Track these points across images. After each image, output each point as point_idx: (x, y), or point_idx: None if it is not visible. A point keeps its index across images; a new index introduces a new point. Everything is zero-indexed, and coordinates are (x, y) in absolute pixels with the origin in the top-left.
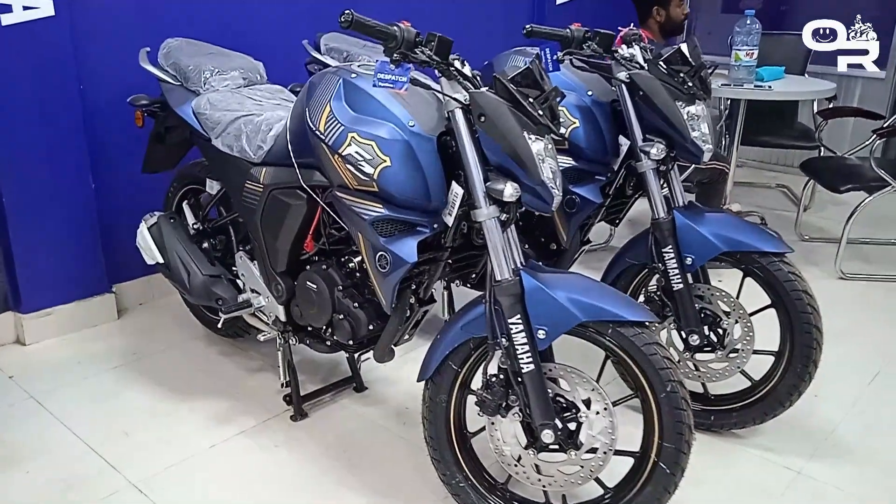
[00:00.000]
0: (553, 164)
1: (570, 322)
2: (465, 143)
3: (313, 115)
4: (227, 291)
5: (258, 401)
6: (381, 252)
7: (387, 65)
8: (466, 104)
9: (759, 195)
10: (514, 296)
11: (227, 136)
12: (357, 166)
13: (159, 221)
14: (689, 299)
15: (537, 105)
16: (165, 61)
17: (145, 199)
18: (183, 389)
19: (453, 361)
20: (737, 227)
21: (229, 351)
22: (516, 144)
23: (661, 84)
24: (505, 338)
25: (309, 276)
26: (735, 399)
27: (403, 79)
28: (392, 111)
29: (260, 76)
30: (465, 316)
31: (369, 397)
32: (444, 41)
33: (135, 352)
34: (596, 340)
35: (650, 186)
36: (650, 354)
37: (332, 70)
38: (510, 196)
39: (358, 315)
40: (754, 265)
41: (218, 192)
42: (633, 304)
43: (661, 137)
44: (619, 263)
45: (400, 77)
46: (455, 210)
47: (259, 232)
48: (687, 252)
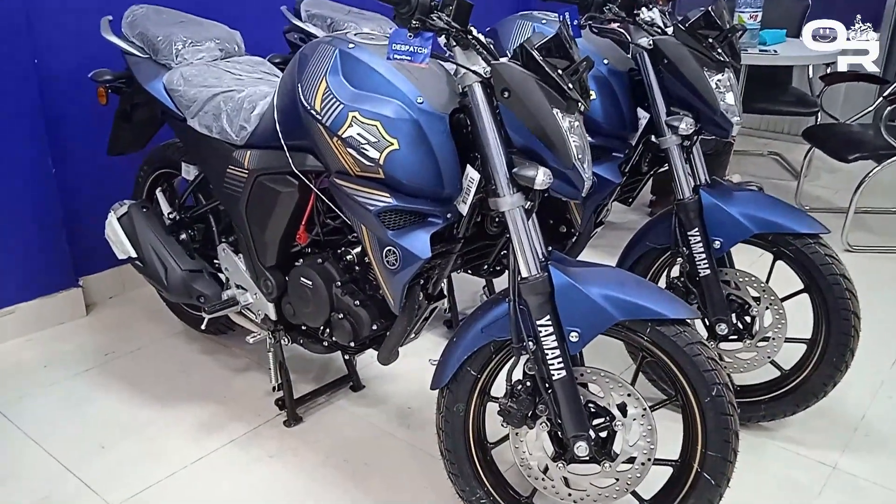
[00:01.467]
0: (582, 144)
1: (606, 322)
2: (486, 123)
3: (307, 92)
4: (209, 288)
5: (248, 404)
6: (389, 247)
7: (404, 33)
8: (487, 77)
9: (753, 164)
10: (542, 294)
11: (205, 116)
12: (360, 150)
13: (130, 211)
14: (716, 286)
15: (567, 77)
16: (131, 31)
17: (113, 184)
18: (163, 394)
19: (472, 367)
20: (768, 207)
21: (212, 348)
22: (545, 123)
23: (688, 51)
24: (532, 341)
25: (303, 270)
26: (764, 390)
27: (424, 50)
28: (398, 86)
29: (238, 47)
30: (485, 316)
31: (368, 397)
32: (464, 4)
33: (107, 352)
34: (632, 340)
35: (675, 164)
36: (694, 355)
37: (326, 40)
38: (542, 184)
39: (359, 314)
40: (787, 247)
41: (195, 177)
42: (674, 300)
43: (687, 109)
44: (639, 247)
45: (420, 48)
46: (471, 198)
47: (244, 223)
48: (714, 235)
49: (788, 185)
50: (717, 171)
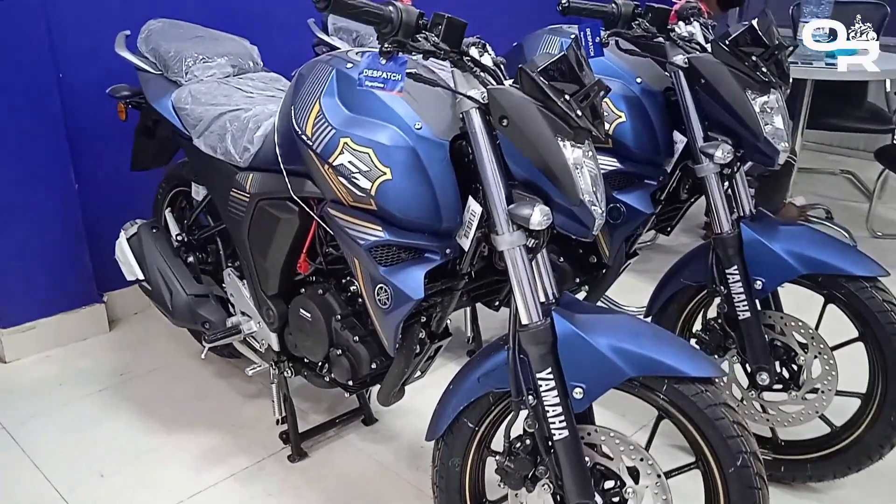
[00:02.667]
0: (594, 175)
1: (616, 378)
2: (483, 153)
3: (299, 116)
4: (214, 314)
5: (255, 435)
6: (380, 284)
7: (376, 58)
8: (485, 103)
9: (822, 183)
10: (544, 344)
11: (211, 136)
12: (351, 179)
13: (140, 231)
14: (757, 330)
15: (575, 103)
16: (145, 47)
17: (138, 199)
18: (171, 420)
19: (469, 418)
20: (818, 244)
21: (226, 372)
22: (548, 155)
23: (728, 70)
24: (532, 395)
25: (302, 302)
26: (811, 447)
27: (397, 76)
28: (395, 110)
29: (253, 63)
30: (483, 364)
31: (379, 432)
32: (455, 24)
33: (123, 371)
34: (647, 398)
35: (712, 195)
36: (716, 419)
37: (325, 59)
38: (538, 224)
39: (358, 351)
40: (840, 290)
41: (204, 198)
42: (695, 355)
43: (727, 134)
44: (672, 283)
45: (392, 74)
46: (473, 232)
47: (247, 248)
48: (756, 274)
49: (860, 207)
50: (777, 194)
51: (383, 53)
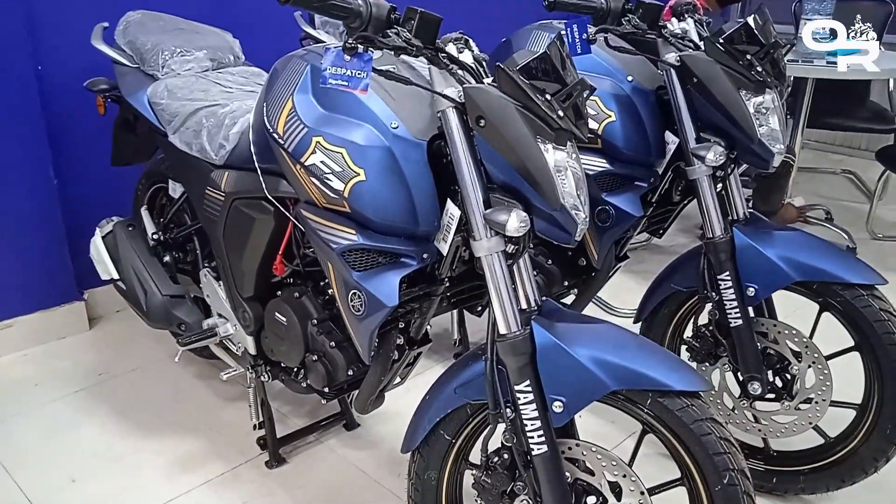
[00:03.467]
0: (577, 178)
1: (598, 391)
2: (460, 155)
3: (271, 113)
4: (190, 315)
5: (233, 439)
6: (354, 290)
7: (341, 55)
8: (462, 102)
9: (823, 183)
10: (522, 355)
11: (186, 132)
12: (323, 180)
13: (115, 230)
14: (749, 338)
15: (556, 103)
16: (123, 39)
17: (120, 195)
18: (148, 422)
19: (446, 430)
20: (814, 250)
21: (206, 373)
22: (527, 157)
23: (721, 69)
24: (510, 408)
25: (278, 305)
26: (805, 459)
27: (363, 74)
28: (371, 108)
29: (234, 56)
30: (460, 375)
31: (361, 437)
32: (428, 18)
33: (102, 371)
34: (630, 412)
35: (704, 198)
36: (702, 435)
37: (300, 53)
38: (515, 231)
39: (334, 357)
40: (836, 298)
41: (180, 195)
42: (681, 368)
43: (720, 135)
44: (663, 288)
45: (358, 72)
46: (451, 236)
47: (222, 249)
48: (749, 280)
49: (861, 208)
50: (775, 195)
51: (347, 49)
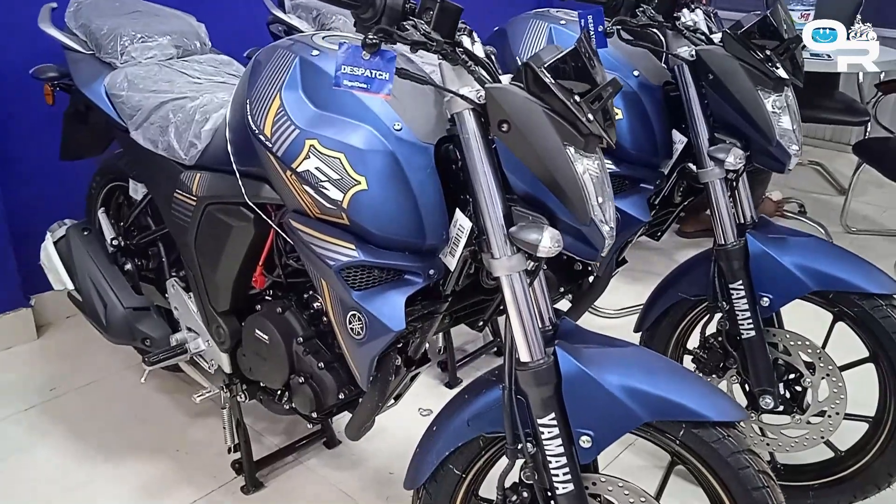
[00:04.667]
0: (604, 188)
1: (629, 424)
2: (477, 163)
3: (255, 111)
4: (156, 329)
5: (204, 461)
6: (353, 311)
7: (357, 52)
8: (481, 103)
9: (791, 175)
10: (546, 385)
11: (151, 128)
12: (318, 188)
13: (69, 234)
14: (762, 351)
15: (586, 106)
16: (74, 22)
17: (68, 192)
18: (107, 445)
19: (455, 465)
20: (830, 258)
21: (171, 386)
22: (555, 167)
23: (740, 65)
24: (532, 443)
25: (259, 322)
26: (813, 473)
27: (385, 75)
28: (371, 108)
29: (200, 43)
30: (472, 404)
31: (343, 457)
32: (449, 9)
33: (54, 385)
34: (661, 443)
35: (717, 203)
36: (740, 468)
37: (286, 44)
38: (548, 251)
39: (323, 379)
40: (852, 308)
41: (143, 197)
42: (716, 395)
43: (733, 135)
44: (667, 296)
45: (379, 73)
46: (460, 250)
47: (194, 258)
48: (763, 290)
49: (832, 200)
50: (757, 190)
51: (368, 46)
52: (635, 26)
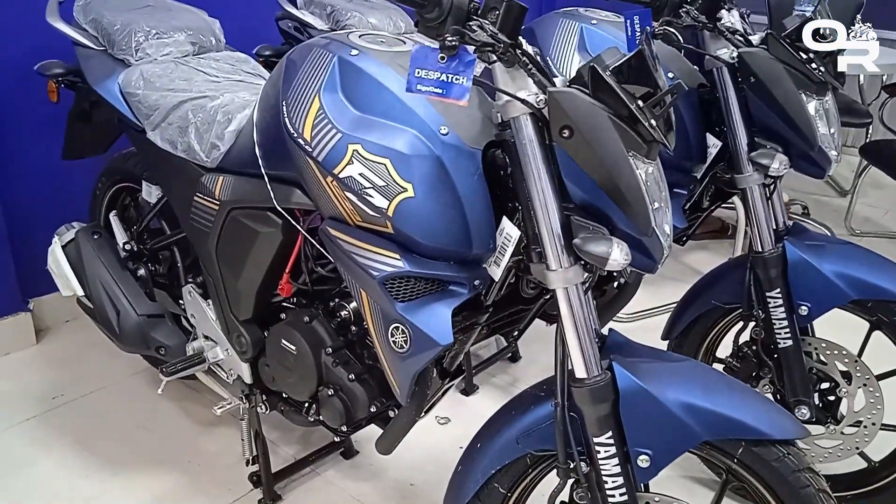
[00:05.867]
0: (661, 198)
1: (688, 443)
2: (534, 170)
3: (293, 113)
4: (171, 337)
5: (217, 473)
6: (396, 324)
7: (433, 54)
8: (539, 108)
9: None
10: (604, 403)
11: (169, 128)
12: (362, 196)
13: (78, 238)
14: (798, 361)
15: (648, 111)
16: (84, 17)
17: (70, 192)
18: (115, 455)
19: (500, 483)
20: (867, 265)
21: (180, 394)
22: (619, 175)
23: (784, 68)
24: (585, 462)
25: (285, 331)
26: (846, 484)
27: (463, 80)
28: (415, 110)
29: (216, 39)
30: (521, 419)
31: (361, 467)
32: (515, 8)
33: (56, 394)
34: (718, 461)
35: (755, 209)
36: (801, 487)
37: (322, 42)
38: (618, 265)
39: (354, 391)
40: (891, 316)
41: (158, 200)
42: (776, 412)
43: (772, 139)
44: (699, 304)
45: (457, 77)
46: (506, 260)
47: (215, 265)
48: (801, 298)
49: (833, 202)
50: None
51: (446, 49)
52: (681, 27)
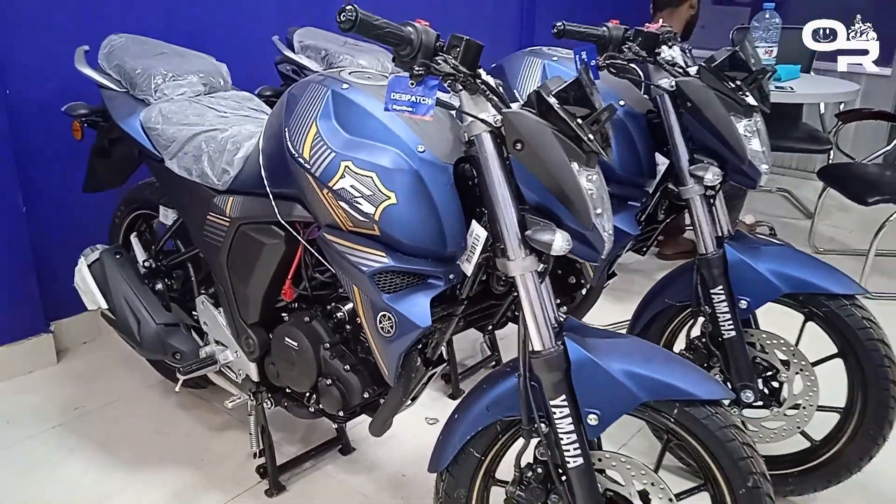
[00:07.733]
0: (601, 200)
1: (630, 404)
2: (495, 178)
3: (294, 138)
4: (186, 343)
5: (227, 470)
6: (384, 312)
7: (404, 81)
8: (497, 127)
9: (762, 201)
10: (558, 370)
11: (185, 157)
12: (353, 204)
13: (102, 258)
14: (742, 349)
15: (587, 127)
16: (108, 63)
17: (90, 223)
18: (135, 457)
19: (475, 448)
20: (799, 263)
21: (190, 403)
22: (563, 179)
23: (714, 94)
24: (545, 423)
25: (288, 330)
26: (791, 462)
27: (428, 100)
28: (396, 133)
29: (224, 81)
30: (490, 392)
31: (358, 462)
32: (472, 46)
33: (77, 406)
34: (656, 422)
35: (697, 217)
36: (727, 441)
37: (317, 79)
38: (560, 249)
39: (349, 380)
40: (820, 308)
41: (174, 222)
42: (704, 378)
43: (710, 156)
44: (655, 303)
45: (423, 98)
46: (476, 257)
47: (225, 275)
48: (741, 294)
49: (799, 224)
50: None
51: (414, 76)
52: (623, 61)
